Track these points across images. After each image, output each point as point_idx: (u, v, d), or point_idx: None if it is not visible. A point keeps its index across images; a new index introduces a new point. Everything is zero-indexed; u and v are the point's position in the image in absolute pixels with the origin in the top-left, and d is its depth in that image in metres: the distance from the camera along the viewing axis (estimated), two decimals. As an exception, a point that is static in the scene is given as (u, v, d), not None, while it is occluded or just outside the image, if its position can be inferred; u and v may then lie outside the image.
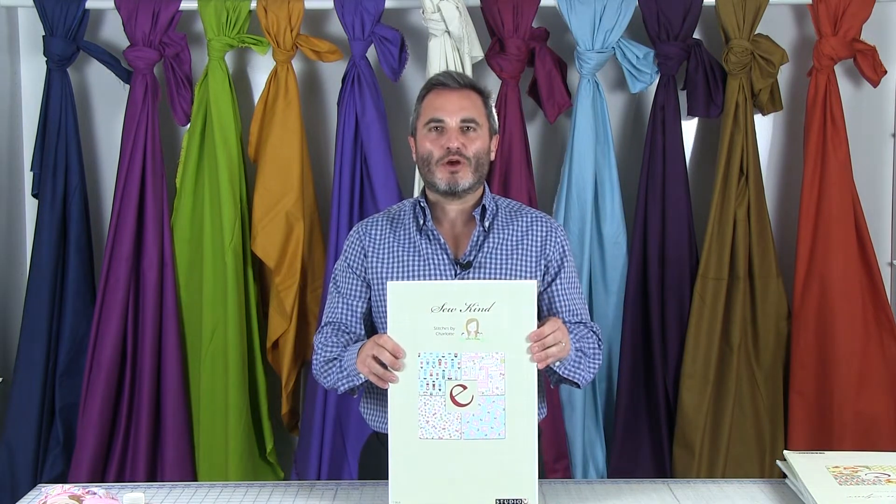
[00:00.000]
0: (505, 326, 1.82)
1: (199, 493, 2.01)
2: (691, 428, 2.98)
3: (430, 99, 2.07)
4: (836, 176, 3.00)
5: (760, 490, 2.02)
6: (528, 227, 2.09)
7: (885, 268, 3.16)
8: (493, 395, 1.83)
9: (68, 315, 3.07)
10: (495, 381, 1.83)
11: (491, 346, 1.82)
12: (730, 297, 3.02)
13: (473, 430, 1.83)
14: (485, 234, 2.06)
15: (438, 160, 2.02)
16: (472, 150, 2.02)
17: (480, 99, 2.08)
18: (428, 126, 2.05)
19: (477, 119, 2.04)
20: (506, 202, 2.15)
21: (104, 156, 3.28)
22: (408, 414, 1.84)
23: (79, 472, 2.95)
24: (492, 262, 2.04)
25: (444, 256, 2.05)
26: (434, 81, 2.10)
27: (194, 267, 3.09)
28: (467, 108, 2.04)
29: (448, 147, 2.01)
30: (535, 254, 2.06)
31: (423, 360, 1.83)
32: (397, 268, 2.06)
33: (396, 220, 2.12)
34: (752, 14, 2.98)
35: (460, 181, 2.02)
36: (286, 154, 3.02)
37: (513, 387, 1.83)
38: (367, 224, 2.15)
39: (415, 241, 2.07)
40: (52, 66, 3.06)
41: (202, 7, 3.02)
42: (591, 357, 2.03)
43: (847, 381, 2.98)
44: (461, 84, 2.07)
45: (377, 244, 2.10)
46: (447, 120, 2.03)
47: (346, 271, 2.11)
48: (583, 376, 2.01)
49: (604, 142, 3.04)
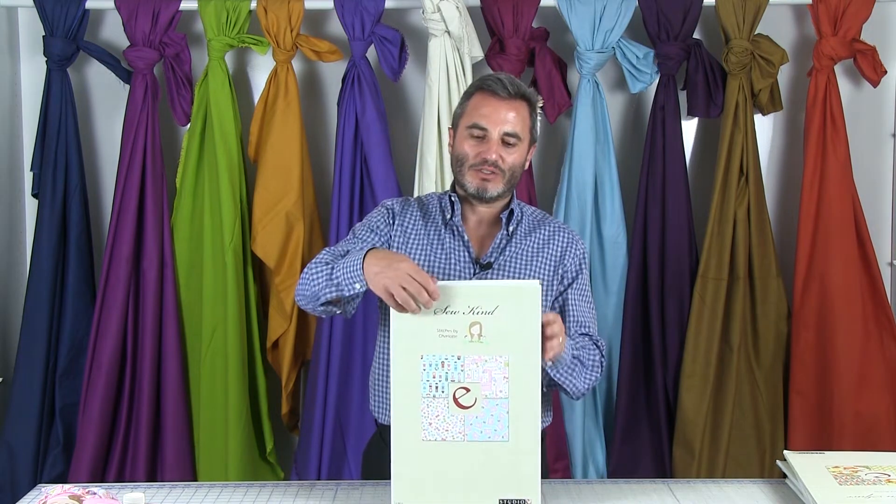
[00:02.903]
0: (508, 329, 1.81)
1: (199, 493, 2.01)
2: (691, 428, 2.98)
3: (478, 101, 2.02)
4: (836, 176, 3.00)
5: (760, 490, 2.02)
6: (549, 236, 2.08)
7: (885, 268, 3.16)
8: (496, 398, 1.82)
9: (68, 315, 3.07)
10: (499, 384, 1.82)
11: (494, 349, 1.81)
12: (730, 297, 3.02)
13: (477, 433, 1.83)
14: (508, 238, 2.06)
15: (473, 165, 2.00)
16: (508, 162, 2.00)
17: (528, 109, 2.03)
18: (470, 129, 2.01)
19: (519, 133, 2.00)
20: (531, 210, 2.14)
21: (104, 156, 3.28)
22: (410, 415, 1.83)
23: (79, 472, 2.96)
24: (511, 266, 2.03)
25: (466, 254, 2.04)
26: (485, 84, 2.03)
27: (194, 267, 3.09)
28: (512, 122, 2.00)
29: (485, 157, 1.99)
30: (553, 262, 2.05)
31: (426, 362, 1.83)
32: (419, 254, 2.04)
33: (426, 209, 2.11)
34: (752, 14, 2.98)
35: (490, 189, 2.01)
36: (286, 154, 3.02)
37: (516, 390, 1.82)
38: (402, 202, 2.13)
39: (440, 233, 2.06)
40: (52, 66, 3.06)
41: (202, 7, 3.02)
42: (590, 369, 2.01)
43: (847, 381, 2.98)
44: (511, 93, 2.00)
45: (408, 223, 2.08)
46: (490, 130, 1.99)
47: (367, 230, 2.07)
48: (576, 385, 1.98)
49: (604, 142, 3.04)
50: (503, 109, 2.00)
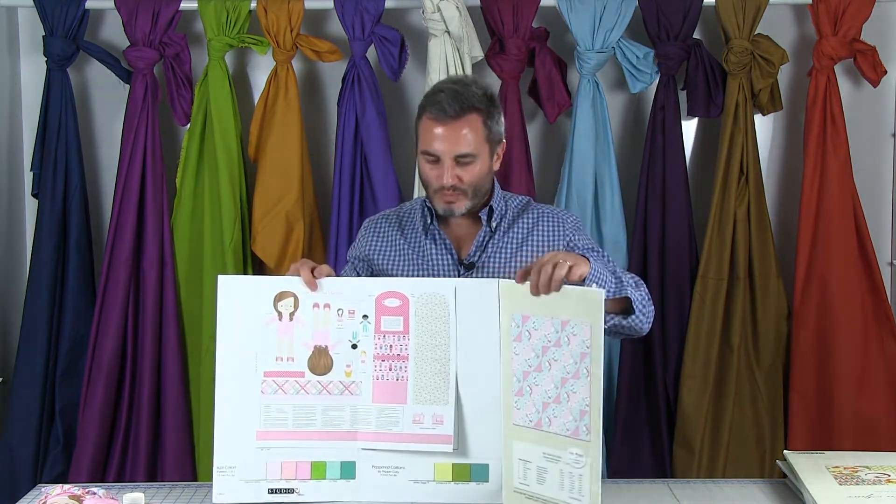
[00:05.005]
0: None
1: (199, 493, 2.02)
2: (691, 428, 2.98)
3: (426, 125, 1.98)
4: (836, 176, 3.00)
5: (760, 490, 2.02)
6: (533, 223, 2.08)
7: (885, 268, 3.16)
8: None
9: (68, 315, 3.07)
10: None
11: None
12: (730, 297, 3.02)
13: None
14: (490, 235, 2.06)
15: (436, 190, 2.00)
16: (467, 181, 1.98)
17: (480, 118, 1.97)
18: (424, 155, 1.99)
19: (472, 151, 1.96)
20: (516, 201, 2.13)
21: (104, 156, 3.28)
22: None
23: (79, 472, 2.95)
24: (494, 263, 2.04)
25: (449, 257, 2.05)
26: (429, 108, 1.97)
27: (194, 267, 3.09)
28: (461, 143, 1.94)
29: (442, 184, 1.97)
30: (542, 252, 2.03)
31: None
32: (402, 266, 2.08)
33: (406, 219, 2.13)
34: (752, 14, 2.98)
35: (456, 209, 2.01)
36: (286, 154, 3.02)
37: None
38: (376, 220, 2.18)
39: (420, 240, 2.07)
40: (52, 66, 3.06)
41: (202, 7, 3.02)
42: (635, 288, 1.91)
43: (847, 381, 2.98)
44: (456, 113, 1.94)
45: (383, 241, 2.13)
46: (442, 157, 1.96)
47: (352, 261, 2.18)
48: (635, 296, 1.88)
49: (604, 142, 3.04)
50: (451, 131, 1.95)
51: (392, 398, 1.90)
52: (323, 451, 1.91)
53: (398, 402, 1.90)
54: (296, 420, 1.91)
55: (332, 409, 1.91)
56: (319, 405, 1.91)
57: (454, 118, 1.94)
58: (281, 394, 1.92)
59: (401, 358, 1.90)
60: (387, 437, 1.89)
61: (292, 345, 1.92)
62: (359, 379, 1.91)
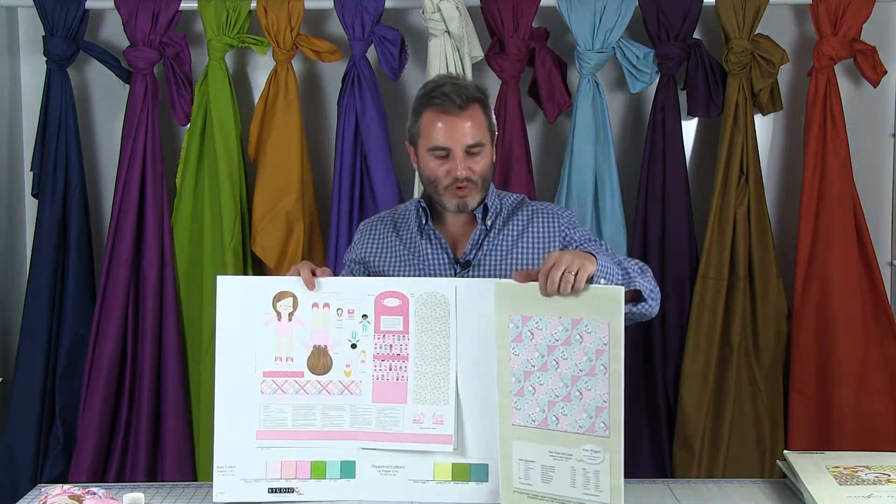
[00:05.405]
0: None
1: (199, 493, 2.02)
2: (691, 428, 2.98)
3: (431, 120, 2.00)
4: (836, 176, 3.00)
5: (760, 490, 2.02)
6: (527, 221, 2.08)
7: (885, 268, 3.16)
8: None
9: (68, 315, 3.07)
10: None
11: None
12: (730, 297, 3.01)
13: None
14: (486, 233, 2.06)
15: (447, 186, 2.00)
16: (478, 171, 2.00)
17: (482, 109, 2.01)
18: (432, 152, 2.00)
19: (481, 139, 1.99)
20: (511, 199, 2.14)
21: (104, 156, 3.28)
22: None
23: (79, 472, 2.95)
24: (490, 261, 2.04)
25: (445, 256, 2.05)
26: (433, 102, 1.99)
27: (194, 267, 3.09)
28: (471, 133, 1.97)
29: (456, 176, 1.98)
30: (538, 248, 2.05)
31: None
32: (399, 267, 2.09)
33: (401, 220, 2.13)
34: (752, 14, 2.98)
35: (469, 203, 2.02)
36: (286, 154, 3.02)
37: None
38: (371, 222, 2.18)
39: (416, 240, 2.08)
40: (52, 66, 3.06)
41: (202, 7, 3.02)
42: (641, 274, 1.90)
43: (847, 381, 2.98)
44: (463, 104, 1.97)
45: (379, 242, 2.13)
46: (452, 148, 1.97)
47: (349, 264, 2.18)
48: (643, 284, 1.88)
49: (604, 142, 3.04)
50: (459, 123, 1.97)
51: (392, 398, 1.90)
52: (323, 451, 1.91)
53: (398, 401, 1.90)
54: (295, 420, 1.92)
55: (331, 409, 1.91)
56: (319, 405, 1.92)
57: (461, 108, 1.97)
58: (280, 393, 1.92)
59: (401, 358, 1.90)
60: (387, 437, 1.89)
61: (291, 345, 1.93)
62: (358, 379, 1.91)
